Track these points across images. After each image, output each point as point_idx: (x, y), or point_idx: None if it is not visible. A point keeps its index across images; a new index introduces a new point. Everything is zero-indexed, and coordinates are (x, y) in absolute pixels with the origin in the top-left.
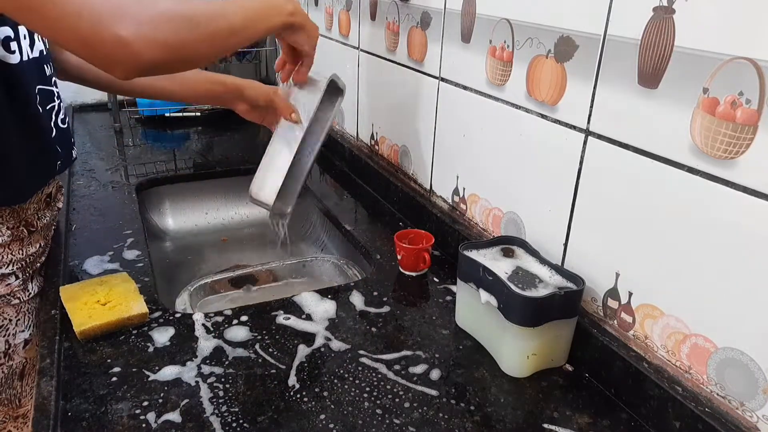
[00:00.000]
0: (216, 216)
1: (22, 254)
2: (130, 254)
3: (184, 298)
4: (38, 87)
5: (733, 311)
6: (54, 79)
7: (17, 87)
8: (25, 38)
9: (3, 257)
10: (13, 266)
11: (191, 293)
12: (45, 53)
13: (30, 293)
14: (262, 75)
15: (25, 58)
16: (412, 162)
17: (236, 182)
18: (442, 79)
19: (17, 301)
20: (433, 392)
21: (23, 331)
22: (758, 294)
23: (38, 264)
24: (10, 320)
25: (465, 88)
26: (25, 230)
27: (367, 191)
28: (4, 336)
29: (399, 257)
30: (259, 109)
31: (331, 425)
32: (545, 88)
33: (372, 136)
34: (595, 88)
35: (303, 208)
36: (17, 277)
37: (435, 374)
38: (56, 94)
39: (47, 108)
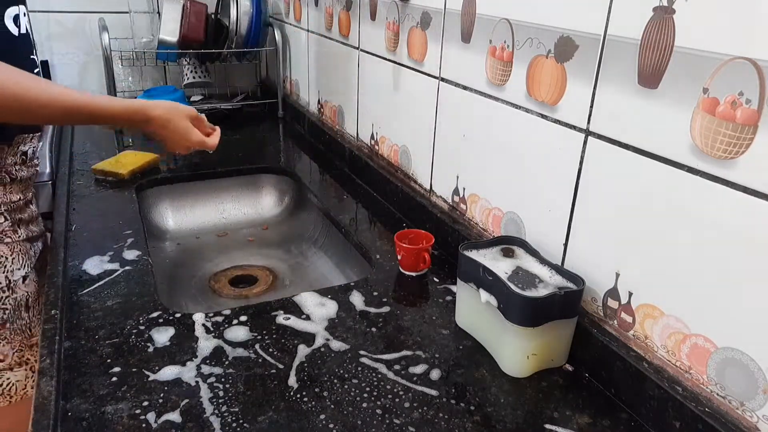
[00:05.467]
0: (216, 216)
1: (6, 199)
2: (130, 254)
3: (184, 298)
4: (30, 56)
5: (733, 311)
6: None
7: (17, 56)
8: (25, 15)
9: None
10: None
11: (191, 293)
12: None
13: (20, 236)
14: (262, 75)
15: (23, 31)
16: (412, 162)
17: (236, 182)
18: (442, 79)
19: (9, 240)
20: (433, 392)
21: (19, 268)
22: (758, 294)
23: (24, 215)
24: (6, 257)
25: (465, 88)
26: (6, 176)
27: (367, 191)
28: (3, 272)
29: (399, 257)
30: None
31: (331, 425)
32: (545, 88)
33: (372, 136)
34: (595, 88)
35: (303, 208)
36: (6, 218)
37: (435, 374)
38: (38, 62)
39: (34, 73)
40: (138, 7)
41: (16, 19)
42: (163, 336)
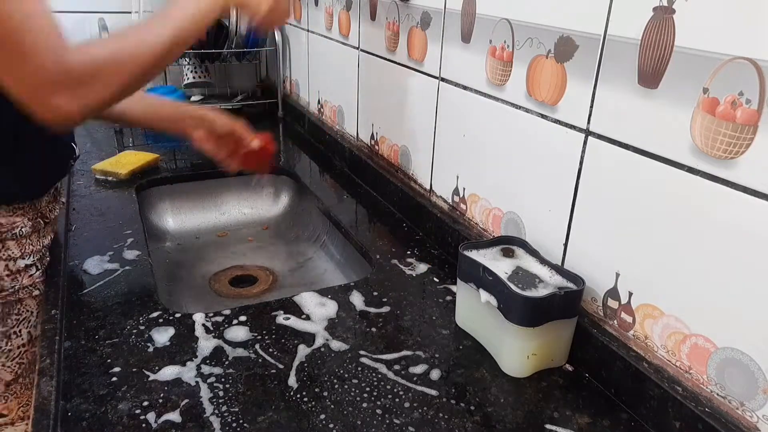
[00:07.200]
0: (216, 216)
1: (40, 245)
2: (130, 254)
3: (184, 298)
4: None
5: (733, 311)
6: None
7: None
8: None
9: (26, 248)
10: (33, 257)
11: (191, 293)
12: None
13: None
14: (262, 75)
15: None
16: (412, 162)
17: (236, 182)
18: (442, 79)
19: (38, 292)
20: (433, 392)
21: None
22: (758, 294)
23: (48, 257)
24: (32, 312)
25: (465, 88)
26: (41, 221)
27: (367, 191)
28: (26, 327)
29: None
30: (218, 139)
31: (331, 425)
32: (545, 88)
33: (372, 136)
34: (595, 88)
35: (303, 208)
36: (37, 268)
37: (435, 374)
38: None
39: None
40: (138, 7)
41: None
42: (163, 336)
